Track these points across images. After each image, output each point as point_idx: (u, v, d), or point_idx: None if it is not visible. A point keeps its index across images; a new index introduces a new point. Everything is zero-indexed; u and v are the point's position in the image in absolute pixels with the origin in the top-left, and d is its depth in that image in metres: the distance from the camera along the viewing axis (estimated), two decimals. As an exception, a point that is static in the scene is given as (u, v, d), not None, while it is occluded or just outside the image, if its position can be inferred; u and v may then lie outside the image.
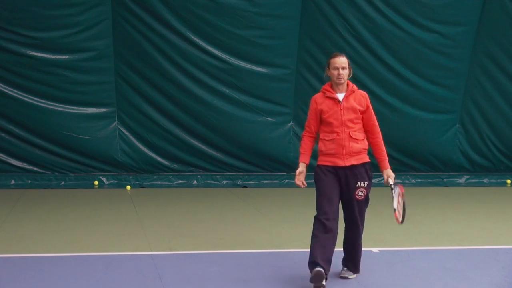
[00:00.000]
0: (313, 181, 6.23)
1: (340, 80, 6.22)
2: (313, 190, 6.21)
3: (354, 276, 6.23)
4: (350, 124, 6.04)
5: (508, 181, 12.90)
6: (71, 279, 6.06)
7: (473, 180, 12.89)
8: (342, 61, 6.23)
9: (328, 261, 5.88)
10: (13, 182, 11.42)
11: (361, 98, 6.20)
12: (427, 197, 11.23)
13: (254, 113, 11.85)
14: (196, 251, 7.22)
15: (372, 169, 6.06)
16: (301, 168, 6.22)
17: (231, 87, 11.72)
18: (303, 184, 6.22)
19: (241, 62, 11.61)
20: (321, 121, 6.27)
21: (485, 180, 12.89)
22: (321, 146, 6.18)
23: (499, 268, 6.73)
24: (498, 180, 12.93)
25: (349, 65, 6.26)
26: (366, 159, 6.02)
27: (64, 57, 11.22)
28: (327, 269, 5.85)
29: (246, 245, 7.60)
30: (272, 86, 11.84)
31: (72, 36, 11.12)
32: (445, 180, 12.75)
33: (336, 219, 5.95)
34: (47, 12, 10.94)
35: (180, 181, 11.90)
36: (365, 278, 6.28)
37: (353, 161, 5.97)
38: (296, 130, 12.12)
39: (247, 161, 12.09)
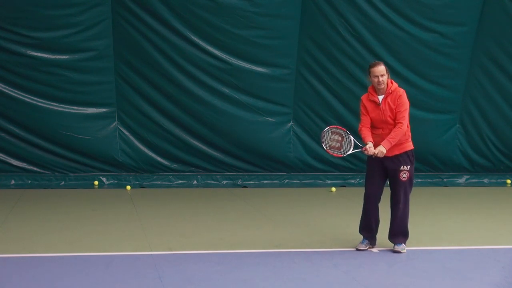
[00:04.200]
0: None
1: (381, 86, 7.06)
2: (312, 190, 6.22)
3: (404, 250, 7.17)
4: (391, 121, 7.04)
5: (508, 181, 12.90)
6: (71, 279, 6.06)
7: (473, 180, 12.89)
8: (380, 70, 7.01)
9: (371, 229, 7.29)
10: (13, 182, 11.42)
11: (395, 97, 7.06)
12: (427, 197, 11.23)
13: (254, 113, 11.85)
14: (196, 251, 7.23)
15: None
16: (369, 144, 7.06)
17: (231, 87, 11.72)
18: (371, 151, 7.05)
19: (241, 62, 11.61)
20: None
21: (485, 180, 12.88)
22: (372, 138, 7.17)
23: (499, 268, 6.74)
24: (498, 180, 12.92)
25: (386, 70, 7.07)
26: (408, 147, 7.10)
27: (64, 57, 11.21)
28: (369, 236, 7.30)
29: (246, 245, 7.60)
30: (272, 86, 11.84)
31: (72, 36, 11.11)
32: (445, 180, 12.75)
33: (376, 198, 7.22)
34: (47, 12, 10.94)
35: (180, 181, 11.89)
36: (365, 278, 6.29)
37: (396, 151, 7.04)
38: (296, 130, 12.12)
39: (247, 161, 12.09)
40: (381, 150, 6.93)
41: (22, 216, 8.99)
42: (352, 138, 7.20)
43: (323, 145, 7.27)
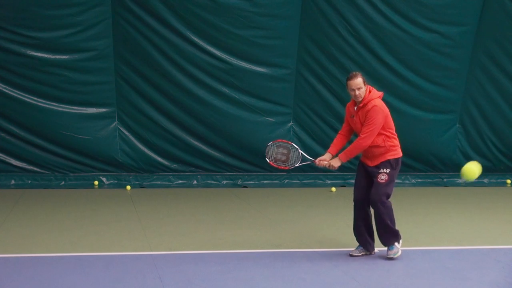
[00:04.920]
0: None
1: (357, 99, 6.91)
2: (312, 190, 6.22)
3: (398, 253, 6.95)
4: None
5: (508, 181, 12.90)
6: (71, 279, 6.06)
7: (473, 180, 12.86)
8: (356, 83, 6.84)
9: (362, 234, 7.14)
10: (13, 182, 11.42)
11: (366, 110, 6.88)
12: (427, 197, 11.24)
13: (254, 113, 11.85)
14: (196, 251, 7.23)
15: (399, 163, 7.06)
16: (326, 155, 7.15)
17: (231, 87, 11.72)
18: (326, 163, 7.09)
19: (241, 62, 11.61)
20: None
21: (485, 180, 12.88)
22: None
23: (499, 268, 6.74)
24: (498, 180, 12.93)
25: (364, 82, 6.89)
26: (391, 157, 7.00)
27: (64, 57, 11.21)
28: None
29: (246, 245, 7.60)
30: (272, 86, 11.84)
31: (72, 36, 11.11)
32: (445, 180, 12.75)
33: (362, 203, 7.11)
34: (47, 12, 10.94)
35: (180, 181, 11.90)
36: (365, 278, 6.29)
37: (375, 162, 6.96)
38: (296, 130, 12.12)
39: (247, 161, 12.09)
40: (333, 164, 6.96)
41: (22, 216, 8.99)
42: (300, 152, 7.31)
43: (267, 158, 7.27)
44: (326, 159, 7.06)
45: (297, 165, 7.29)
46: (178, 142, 11.85)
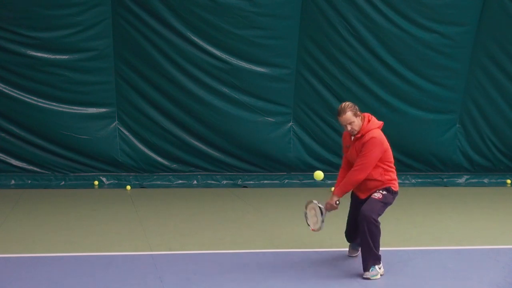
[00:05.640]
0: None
1: (353, 133, 6.46)
2: (312, 190, 6.22)
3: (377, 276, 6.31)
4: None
5: (508, 181, 12.90)
6: (71, 279, 6.06)
7: (473, 180, 12.88)
8: (346, 119, 6.37)
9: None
10: (13, 182, 11.42)
11: (363, 142, 6.39)
12: (427, 197, 11.24)
13: (254, 113, 11.85)
14: (196, 251, 7.23)
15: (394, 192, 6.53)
16: (334, 198, 6.59)
17: (231, 87, 11.72)
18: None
19: (241, 62, 11.61)
20: None
21: (485, 180, 12.88)
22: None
23: (499, 268, 6.74)
24: (498, 180, 12.92)
25: (355, 114, 6.38)
26: (386, 185, 6.44)
27: (64, 57, 11.21)
28: None
29: (246, 245, 7.60)
30: (272, 86, 11.83)
31: (72, 36, 11.11)
32: (445, 180, 12.75)
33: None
34: (47, 12, 10.93)
35: (180, 181, 11.89)
36: (365, 278, 6.29)
37: (370, 194, 6.46)
38: (296, 130, 12.12)
39: (247, 161, 12.09)
40: (330, 202, 6.48)
41: (22, 216, 8.99)
42: (319, 206, 6.66)
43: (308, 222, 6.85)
44: (330, 202, 6.54)
45: (324, 216, 6.63)
46: (178, 142, 11.85)
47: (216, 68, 11.58)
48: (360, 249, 6.54)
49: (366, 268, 6.28)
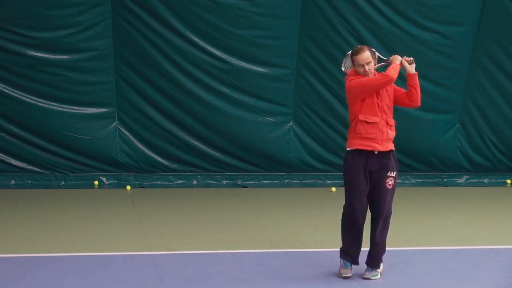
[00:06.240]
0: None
1: (368, 75, 6.14)
2: (312, 190, 6.20)
3: (377, 276, 6.19)
4: (387, 111, 6.30)
5: (508, 181, 12.89)
6: (71, 279, 6.06)
7: (473, 180, 12.88)
8: (365, 57, 6.07)
9: (357, 255, 6.18)
10: (13, 182, 11.41)
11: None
12: (427, 197, 11.24)
13: (254, 113, 11.85)
14: (196, 251, 7.22)
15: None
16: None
17: (231, 87, 11.72)
18: None
19: (241, 62, 11.61)
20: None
21: (485, 180, 12.87)
22: (360, 128, 6.12)
23: (499, 268, 6.74)
24: (498, 180, 12.92)
25: (372, 56, 6.17)
26: (393, 146, 6.23)
27: (64, 57, 11.21)
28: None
29: (246, 245, 7.60)
30: (272, 86, 11.84)
31: (72, 36, 11.11)
32: (445, 180, 12.75)
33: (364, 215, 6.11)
34: (47, 12, 10.94)
35: (180, 181, 11.89)
36: (365, 278, 6.28)
37: (391, 146, 6.19)
38: (296, 130, 12.11)
39: (247, 161, 12.09)
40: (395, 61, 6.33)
41: (22, 216, 8.99)
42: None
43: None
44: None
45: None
46: (178, 142, 11.85)
47: (216, 68, 11.58)
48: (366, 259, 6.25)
49: (377, 265, 6.18)
